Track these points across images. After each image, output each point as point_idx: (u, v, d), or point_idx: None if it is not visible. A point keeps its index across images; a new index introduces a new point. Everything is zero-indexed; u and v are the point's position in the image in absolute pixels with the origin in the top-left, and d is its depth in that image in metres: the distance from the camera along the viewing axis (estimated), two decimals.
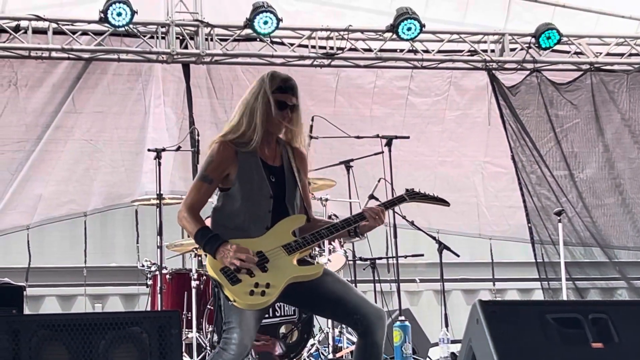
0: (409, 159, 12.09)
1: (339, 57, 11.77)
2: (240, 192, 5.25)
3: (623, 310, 4.93)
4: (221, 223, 5.29)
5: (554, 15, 12.10)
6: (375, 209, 5.44)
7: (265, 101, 5.36)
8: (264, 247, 5.17)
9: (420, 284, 12.52)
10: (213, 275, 5.13)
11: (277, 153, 5.43)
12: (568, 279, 11.26)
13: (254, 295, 5.05)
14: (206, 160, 5.36)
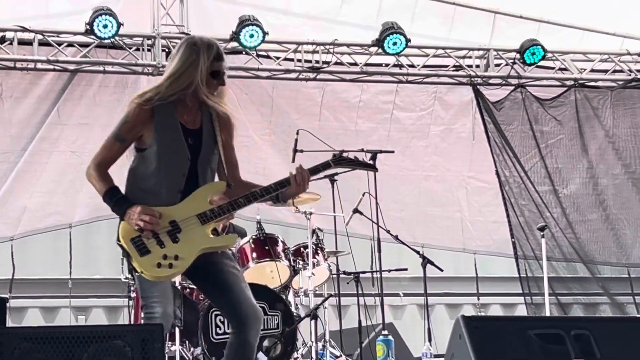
0: (394, 174, 12.10)
1: (324, 70, 11.79)
2: (155, 154, 5.17)
3: (605, 327, 4.95)
4: (134, 185, 5.24)
5: (539, 31, 12.15)
6: (304, 174, 5.39)
7: (200, 69, 5.23)
8: (178, 216, 5.12)
9: (403, 298, 12.54)
10: (123, 244, 5.07)
11: (197, 116, 5.34)
12: (551, 294, 11.28)
13: (161, 268, 5.03)
14: (122, 120, 5.27)
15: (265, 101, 11.98)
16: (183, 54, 5.27)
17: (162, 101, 5.18)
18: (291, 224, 11.37)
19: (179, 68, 5.24)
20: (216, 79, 5.31)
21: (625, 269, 12.60)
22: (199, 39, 5.36)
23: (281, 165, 11.61)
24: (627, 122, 12.80)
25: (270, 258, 9.06)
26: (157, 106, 5.18)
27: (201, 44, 5.29)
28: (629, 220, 12.63)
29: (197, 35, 5.50)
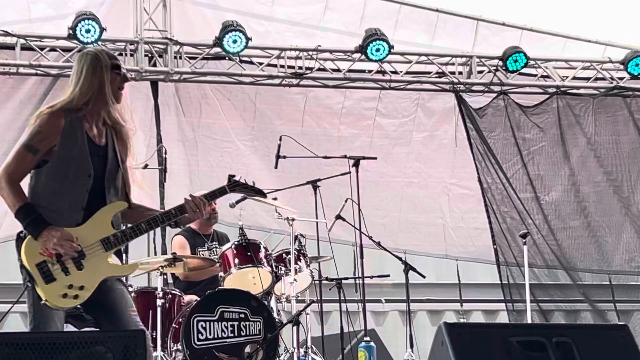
0: (376, 180, 12.12)
1: (307, 77, 11.81)
2: (58, 168, 5.04)
3: (586, 334, 4.96)
4: (35, 202, 5.05)
5: (521, 39, 12.20)
6: (197, 201, 5.37)
7: (101, 77, 5.15)
8: (83, 241, 5.02)
9: (386, 305, 12.54)
10: (27, 268, 4.95)
11: (103, 132, 5.25)
12: (532, 301, 11.32)
13: (66, 298, 4.96)
14: (32, 130, 5.07)
15: (248, 107, 11.98)
16: (87, 67, 5.18)
17: (72, 113, 5.10)
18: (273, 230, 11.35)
19: (84, 80, 5.16)
20: (115, 93, 5.22)
21: (607, 276, 12.64)
22: (100, 52, 5.27)
23: (264, 171, 11.61)
24: (608, 130, 12.84)
25: (252, 264, 9.03)
26: (68, 118, 5.09)
27: (103, 58, 5.21)
28: (610, 228, 12.67)
29: (98, 48, 5.46)
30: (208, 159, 11.83)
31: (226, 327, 8.36)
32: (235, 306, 8.41)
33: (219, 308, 8.37)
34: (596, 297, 12.66)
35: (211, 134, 11.86)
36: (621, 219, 12.73)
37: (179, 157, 11.70)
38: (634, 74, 12.29)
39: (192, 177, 11.77)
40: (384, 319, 12.78)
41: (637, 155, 12.83)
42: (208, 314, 8.33)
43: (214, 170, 11.78)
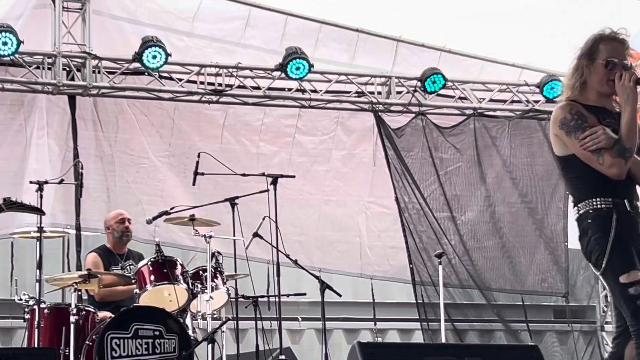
0: (294, 197, 12.14)
1: (227, 93, 11.78)
2: None
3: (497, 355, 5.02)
4: None
5: (440, 60, 12.33)
6: None
7: None
8: None
9: (302, 323, 12.54)
10: None
11: None
12: (447, 320, 11.40)
13: None
14: None
15: (166, 123, 11.92)
16: None
17: None
18: (188, 247, 11.31)
19: None
20: None
21: (520, 296, 12.79)
22: None
23: (179, 187, 11.58)
24: (523, 152, 13.02)
25: (168, 281, 8.98)
26: None
27: None
28: (524, 248, 12.83)
29: None
30: (124, 174, 11.74)
31: (140, 345, 8.28)
32: (150, 323, 8.35)
33: (133, 325, 8.29)
34: (510, 317, 12.80)
35: (128, 150, 11.78)
36: (535, 240, 12.90)
37: (96, 173, 11.59)
38: (549, 97, 12.47)
39: (109, 193, 11.67)
40: (299, 337, 12.77)
41: (551, 178, 13.01)
42: (122, 331, 8.24)
43: (129, 186, 11.71)
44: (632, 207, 5.25)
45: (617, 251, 5.13)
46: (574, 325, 13.05)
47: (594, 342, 13.04)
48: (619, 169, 5.17)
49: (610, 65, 5.34)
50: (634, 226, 5.24)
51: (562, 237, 13.03)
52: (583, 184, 5.35)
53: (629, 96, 5.22)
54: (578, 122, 5.28)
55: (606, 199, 5.22)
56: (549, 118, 13.10)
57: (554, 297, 12.97)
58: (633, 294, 5.05)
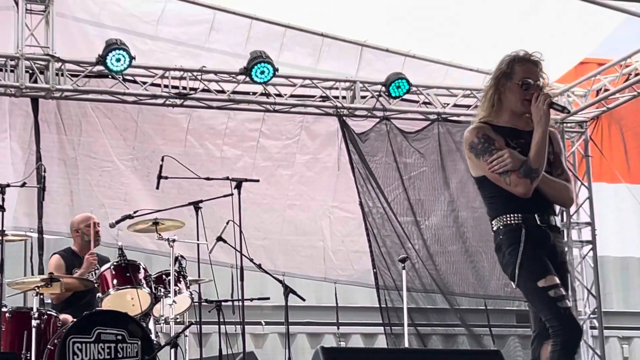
0: (258, 202, 12.12)
1: (191, 97, 11.75)
2: None
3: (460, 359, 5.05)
4: None
5: (404, 65, 12.36)
6: None
7: None
8: None
9: (265, 327, 12.53)
10: None
11: None
12: (410, 325, 11.42)
13: None
14: None
15: (130, 126, 11.88)
16: None
17: None
18: (154, 251, 11.28)
19: None
20: None
21: (483, 301, 12.84)
22: None
23: (143, 191, 11.55)
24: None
25: (131, 285, 8.95)
26: None
27: None
28: (487, 253, 12.85)
29: None
30: (87, 178, 11.69)
31: (103, 349, 8.25)
32: (112, 328, 8.32)
33: (96, 329, 8.27)
34: (473, 321, 12.84)
35: (91, 153, 11.72)
36: None
37: (59, 176, 11.53)
38: None
39: (72, 196, 11.61)
40: (263, 342, 12.76)
41: None
42: (84, 335, 8.22)
43: (93, 190, 11.66)
44: (542, 220, 5.46)
45: (529, 260, 5.37)
46: None
47: None
48: (525, 189, 5.38)
49: (525, 85, 5.53)
50: (545, 238, 5.45)
51: None
52: (495, 203, 5.57)
53: (542, 118, 5.41)
54: (485, 145, 5.47)
55: (516, 215, 5.45)
56: None
57: (517, 302, 13.01)
58: (553, 297, 5.27)
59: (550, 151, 5.54)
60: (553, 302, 5.27)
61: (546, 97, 5.46)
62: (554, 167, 5.59)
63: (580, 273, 13.28)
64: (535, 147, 5.39)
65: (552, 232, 5.49)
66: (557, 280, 5.31)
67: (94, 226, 9.72)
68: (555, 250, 5.48)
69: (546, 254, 5.41)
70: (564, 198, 5.60)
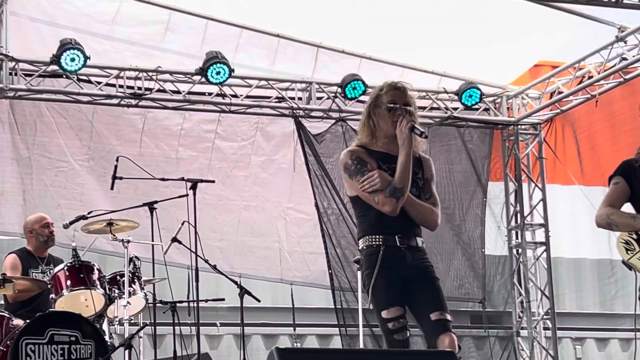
0: (214, 203, 12.10)
1: (146, 97, 11.71)
2: None
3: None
4: None
5: (360, 67, 12.38)
6: None
7: None
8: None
9: (220, 328, 12.49)
10: None
11: None
12: (365, 326, 11.43)
13: None
14: None
15: (85, 126, 11.81)
16: None
17: None
18: (107, 252, 11.21)
19: None
20: None
21: None
22: None
23: (99, 191, 11.48)
24: (442, 158, 13.13)
25: (85, 286, 8.90)
26: None
27: None
28: (441, 254, 12.93)
29: None
30: (42, 178, 11.60)
31: (56, 351, 8.18)
32: (66, 329, 8.25)
33: (49, 331, 8.19)
34: None
35: (46, 153, 11.64)
36: (452, 246, 13.03)
37: (12, 176, 11.44)
38: (467, 104, 12.61)
39: (25, 197, 11.52)
40: (218, 343, 12.72)
41: (468, 184, 13.18)
42: (37, 337, 8.14)
43: (48, 190, 11.58)
44: (402, 242, 5.78)
45: (379, 289, 5.73)
46: (491, 331, 13.19)
47: (510, 347, 13.20)
48: (391, 207, 5.69)
49: (392, 108, 5.85)
50: (402, 259, 5.77)
51: (479, 244, 13.19)
52: (363, 222, 5.90)
53: (405, 141, 5.74)
54: (358, 167, 5.80)
55: (378, 236, 5.78)
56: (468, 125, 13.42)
57: (471, 303, 13.10)
58: (391, 329, 5.74)
59: (420, 177, 5.94)
60: (390, 333, 5.74)
61: (408, 121, 5.77)
62: (423, 191, 5.95)
63: (533, 274, 13.38)
64: (400, 168, 5.71)
65: (410, 252, 5.81)
66: (399, 312, 5.72)
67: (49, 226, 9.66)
68: (413, 268, 5.80)
69: (402, 274, 5.76)
70: (429, 221, 5.95)
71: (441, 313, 5.86)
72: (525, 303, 13.22)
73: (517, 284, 13.32)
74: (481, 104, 12.94)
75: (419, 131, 5.78)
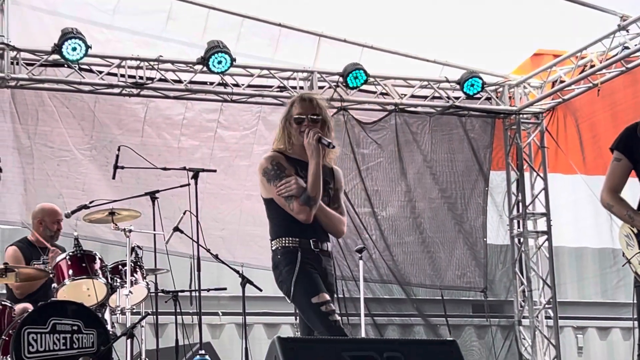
0: (215, 192, 12.09)
1: (148, 87, 11.71)
2: None
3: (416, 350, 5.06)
4: None
5: (362, 56, 12.36)
6: None
7: None
8: None
9: (222, 318, 12.51)
10: None
11: None
12: (367, 315, 11.45)
13: None
14: None
15: (87, 115, 11.80)
16: None
17: None
18: (110, 241, 11.22)
19: None
20: None
21: (439, 291, 12.89)
22: None
23: (101, 181, 11.48)
24: (444, 148, 13.13)
25: (87, 275, 8.90)
26: None
27: None
28: (443, 244, 12.95)
29: None
30: (44, 167, 11.60)
31: (58, 340, 8.20)
32: (68, 318, 8.26)
33: (51, 320, 8.20)
34: (429, 311, 12.90)
35: (48, 142, 11.64)
36: (454, 236, 13.03)
37: (14, 165, 11.43)
38: (469, 93, 12.60)
39: (26, 186, 11.52)
40: (220, 332, 12.74)
41: (470, 174, 13.18)
42: (39, 326, 8.15)
43: (49, 179, 11.57)
44: (316, 246, 6.05)
45: (304, 279, 6.00)
46: (492, 320, 13.20)
47: (512, 336, 13.21)
48: (305, 215, 5.97)
49: (298, 120, 6.08)
50: (318, 261, 6.07)
51: (481, 233, 13.19)
52: (278, 224, 6.15)
53: (313, 152, 5.97)
54: (277, 172, 6.04)
55: (294, 238, 6.04)
56: (470, 114, 13.41)
57: (473, 292, 13.11)
58: (325, 311, 5.93)
59: (331, 187, 6.19)
60: (324, 315, 5.92)
61: (315, 132, 5.99)
62: (332, 200, 6.19)
63: (535, 263, 13.38)
64: (311, 178, 5.95)
65: (323, 256, 6.10)
66: (328, 297, 5.96)
67: (59, 223, 9.65)
68: (325, 272, 6.10)
69: (319, 274, 6.03)
70: (337, 229, 6.19)
71: None
72: (527, 292, 13.23)
73: (518, 273, 13.33)
74: (483, 93, 12.95)
75: (326, 142, 5.98)
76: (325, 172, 6.09)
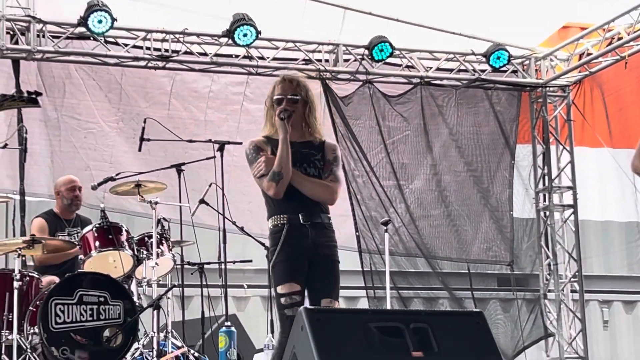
0: (241, 165, 12.01)
1: (174, 59, 11.70)
2: None
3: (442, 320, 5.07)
4: None
5: (387, 29, 12.31)
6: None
7: None
8: None
9: (247, 290, 12.55)
10: None
11: None
12: (392, 288, 11.45)
13: None
14: None
15: (114, 88, 11.81)
16: None
17: None
18: (136, 213, 11.25)
19: None
20: None
21: (465, 265, 12.89)
22: None
23: (129, 153, 11.50)
24: (469, 121, 13.09)
25: (113, 247, 8.96)
26: None
27: None
28: (469, 217, 12.92)
29: None
30: (71, 139, 11.62)
31: (85, 311, 8.27)
32: (94, 289, 8.33)
33: (78, 291, 8.28)
34: (454, 285, 12.89)
35: (75, 114, 11.65)
36: (480, 209, 12.99)
37: (41, 138, 11.47)
38: (495, 66, 12.54)
39: (53, 158, 11.55)
40: (245, 304, 12.79)
41: (496, 147, 13.13)
42: (67, 297, 8.22)
43: (77, 151, 11.60)
44: (305, 219, 6.19)
45: (279, 265, 6.13)
46: (518, 293, 13.18)
47: (537, 309, 13.19)
48: (272, 190, 6.17)
49: (278, 101, 6.29)
50: (304, 236, 6.17)
51: (507, 207, 13.16)
52: (268, 204, 6.34)
53: (279, 129, 6.21)
54: (254, 155, 6.30)
55: (282, 215, 6.21)
56: (496, 87, 13.34)
57: (498, 266, 13.09)
58: (282, 304, 6.06)
59: (318, 158, 6.31)
60: (281, 308, 6.04)
61: (280, 110, 6.22)
62: (323, 171, 6.32)
63: (561, 237, 13.34)
64: (278, 154, 6.14)
65: (314, 229, 6.20)
66: (296, 288, 6.06)
67: (75, 190, 9.70)
68: (315, 245, 6.17)
69: (304, 251, 6.14)
70: (322, 196, 6.30)
71: (331, 301, 6.21)
72: (552, 266, 13.20)
73: (544, 247, 13.30)
74: (509, 66, 12.88)
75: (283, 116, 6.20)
76: (311, 145, 6.31)
